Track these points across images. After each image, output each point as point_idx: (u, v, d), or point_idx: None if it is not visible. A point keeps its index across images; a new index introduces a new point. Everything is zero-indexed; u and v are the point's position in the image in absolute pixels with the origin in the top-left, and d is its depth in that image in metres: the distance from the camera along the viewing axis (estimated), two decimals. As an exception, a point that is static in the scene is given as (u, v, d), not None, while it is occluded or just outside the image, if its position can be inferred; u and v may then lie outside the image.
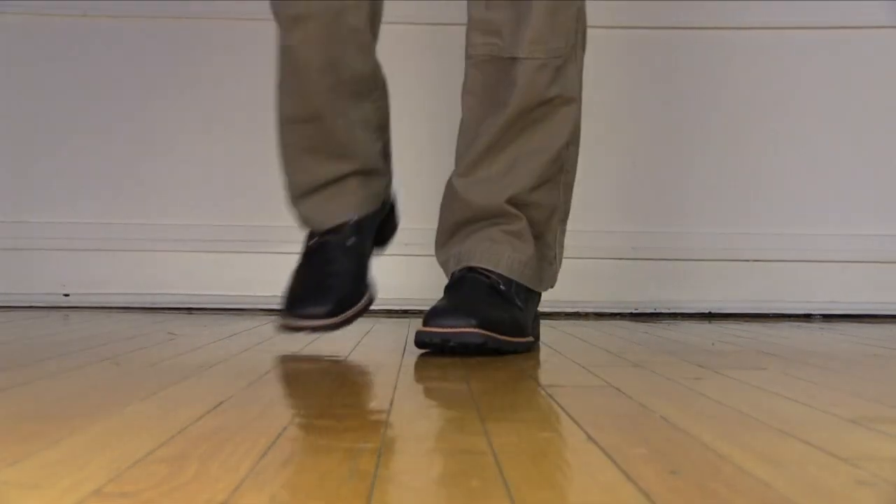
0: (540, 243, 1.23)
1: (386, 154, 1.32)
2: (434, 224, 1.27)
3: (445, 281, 1.21)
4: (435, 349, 1.10)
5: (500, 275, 1.18)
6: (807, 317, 1.95)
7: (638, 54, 2.04)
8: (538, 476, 0.51)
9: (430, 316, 1.10)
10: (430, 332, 1.08)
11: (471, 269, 1.18)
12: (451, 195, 1.24)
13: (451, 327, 1.07)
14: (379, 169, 1.29)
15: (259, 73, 1.98)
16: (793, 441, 0.61)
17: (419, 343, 1.10)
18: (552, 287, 1.27)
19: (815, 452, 0.57)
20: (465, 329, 1.07)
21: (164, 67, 2.02)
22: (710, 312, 1.98)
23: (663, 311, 1.99)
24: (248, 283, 1.97)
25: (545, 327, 1.35)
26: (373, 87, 1.26)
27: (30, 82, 2.02)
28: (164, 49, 2.02)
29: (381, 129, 1.29)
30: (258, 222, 1.99)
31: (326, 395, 0.80)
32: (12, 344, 1.27)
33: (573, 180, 1.27)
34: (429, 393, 0.86)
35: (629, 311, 1.99)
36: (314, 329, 1.15)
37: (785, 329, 1.68)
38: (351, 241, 1.23)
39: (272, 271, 1.95)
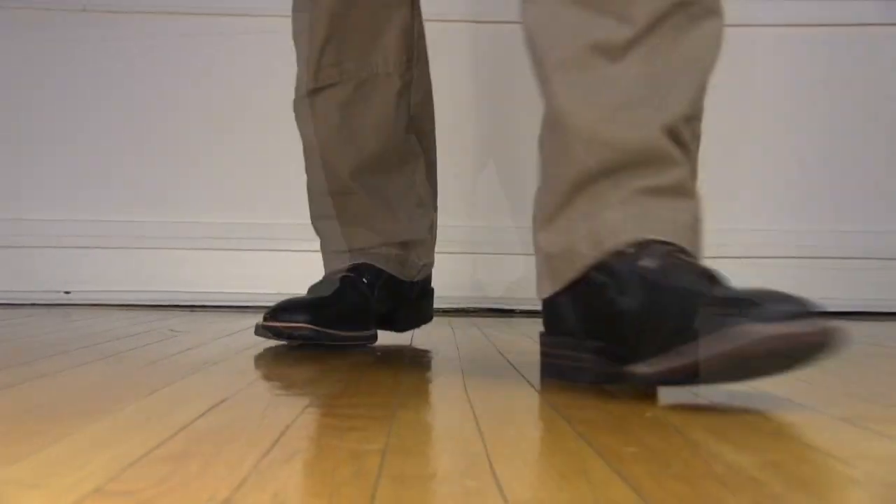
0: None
1: (431, 231, 1.28)
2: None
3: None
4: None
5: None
6: (804, 314, 1.95)
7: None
8: (531, 476, 0.51)
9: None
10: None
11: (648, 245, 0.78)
12: (561, 138, 0.83)
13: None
14: (416, 242, 1.25)
15: (262, 70, 1.99)
16: (786, 440, 0.62)
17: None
18: None
19: (809, 451, 0.58)
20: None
21: (165, 64, 2.03)
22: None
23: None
24: (250, 280, 1.97)
25: (536, 325, 0.99)
26: (403, 161, 1.23)
27: (29, 77, 2.02)
28: (165, 45, 2.02)
29: (422, 204, 1.26)
30: (261, 219, 2.00)
31: (330, 395, 0.81)
32: (13, 342, 1.27)
33: (700, 139, 0.87)
34: (429, 393, 0.86)
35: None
36: (291, 331, 1.13)
37: (782, 327, 1.68)
38: (365, 280, 1.20)
39: (275, 268, 1.96)
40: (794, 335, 0.67)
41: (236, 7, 2.01)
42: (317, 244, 1.29)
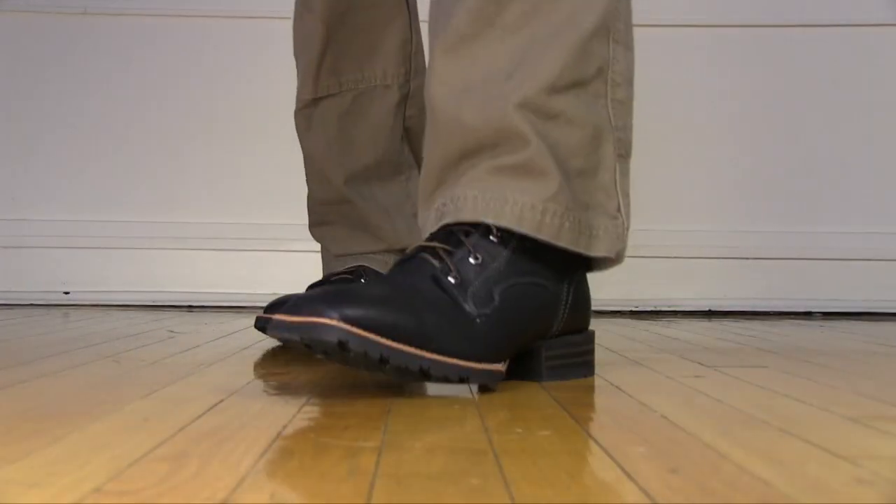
0: (587, 182, 0.83)
1: None
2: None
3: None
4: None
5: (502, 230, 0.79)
6: (807, 314, 1.95)
7: (637, 52, 2.04)
8: (538, 474, 0.50)
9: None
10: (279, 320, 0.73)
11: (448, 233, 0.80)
12: (432, 122, 0.84)
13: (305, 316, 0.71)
14: None
15: (261, 71, 1.99)
16: (793, 439, 0.61)
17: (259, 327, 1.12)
18: (619, 255, 0.86)
19: (815, 451, 0.57)
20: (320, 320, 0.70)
21: (165, 65, 2.03)
22: (709, 310, 1.98)
23: (663, 308, 1.99)
24: (248, 280, 1.97)
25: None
26: (397, 171, 1.24)
27: (30, 80, 2.02)
28: (164, 47, 2.02)
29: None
30: (258, 220, 1.99)
31: (326, 393, 0.80)
32: (12, 342, 1.27)
33: (629, 99, 0.88)
34: (429, 391, 0.86)
35: (629, 308, 1.99)
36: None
37: (785, 327, 1.68)
38: (363, 281, 1.19)
39: (272, 269, 1.96)
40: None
41: (236, 10, 2.01)
42: (316, 245, 1.29)
